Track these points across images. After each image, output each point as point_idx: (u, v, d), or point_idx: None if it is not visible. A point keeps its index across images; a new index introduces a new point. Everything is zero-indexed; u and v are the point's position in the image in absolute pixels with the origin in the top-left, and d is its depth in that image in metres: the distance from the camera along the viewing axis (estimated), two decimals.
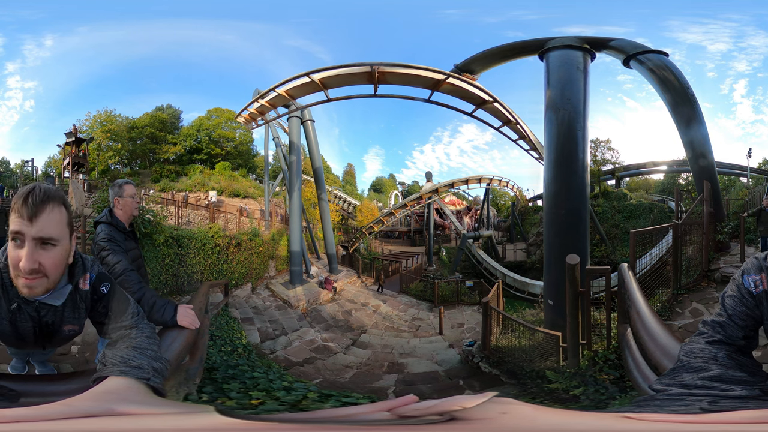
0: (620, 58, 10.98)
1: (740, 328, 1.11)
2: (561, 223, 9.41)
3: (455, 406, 0.69)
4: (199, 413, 0.80)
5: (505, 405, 0.71)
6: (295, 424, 0.72)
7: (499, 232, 29.59)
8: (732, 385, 0.93)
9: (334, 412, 0.86)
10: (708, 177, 9.05)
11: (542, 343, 6.28)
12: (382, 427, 0.68)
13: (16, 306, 1.34)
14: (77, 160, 23.00)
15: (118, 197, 2.82)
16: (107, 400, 0.96)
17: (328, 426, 0.70)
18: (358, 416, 0.74)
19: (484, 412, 0.69)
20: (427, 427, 0.66)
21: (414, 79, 11.25)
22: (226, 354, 6.24)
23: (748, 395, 0.89)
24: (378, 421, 0.70)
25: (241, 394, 2.24)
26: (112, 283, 1.55)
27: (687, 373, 1.02)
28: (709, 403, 0.84)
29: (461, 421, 0.66)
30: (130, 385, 1.10)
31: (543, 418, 0.70)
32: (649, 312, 2.11)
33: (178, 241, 10.59)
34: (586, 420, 0.71)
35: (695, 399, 0.88)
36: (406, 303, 16.88)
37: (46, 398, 1.03)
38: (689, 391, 0.93)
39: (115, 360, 1.20)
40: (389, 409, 0.71)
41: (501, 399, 0.73)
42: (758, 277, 1.13)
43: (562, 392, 3.03)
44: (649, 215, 22.34)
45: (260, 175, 30.21)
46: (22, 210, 1.18)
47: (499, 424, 0.66)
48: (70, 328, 1.50)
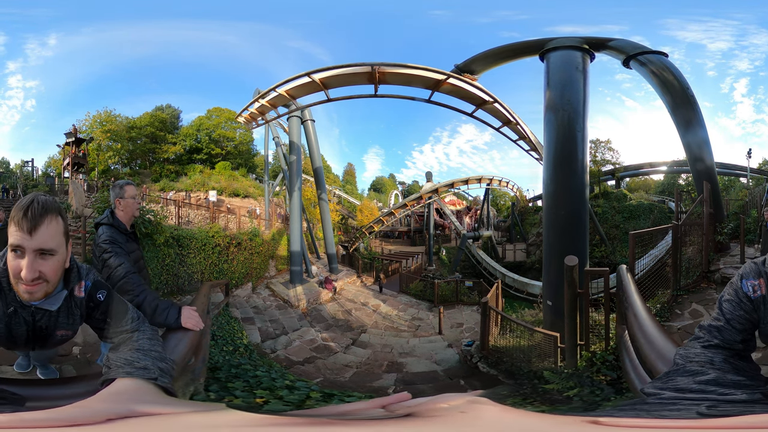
0: (620, 58, 10.98)
1: (738, 332, 1.11)
2: (560, 224, 9.43)
3: (443, 404, 0.71)
4: (214, 411, 0.81)
5: (472, 404, 0.71)
6: (302, 418, 0.74)
7: (499, 232, 29.59)
8: (731, 389, 0.92)
9: (334, 409, 0.89)
10: (708, 178, 9.06)
11: (540, 344, 6.30)
12: (369, 423, 0.70)
13: (13, 310, 1.38)
14: (77, 160, 23.02)
15: (119, 198, 2.80)
16: (122, 401, 0.97)
17: (327, 421, 0.72)
18: (356, 413, 0.76)
19: (443, 410, 0.70)
20: (380, 422, 0.68)
21: (414, 79, 11.25)
22: (228, 353, 6.26)
23: (750, 399, 0.88)
24: (372, 417, 0.72)
25: (245, 393, 2.26)
26: (109, 290, 1.58)
27: (682, 377, 1.00)
28: (708, 408, 0.83)
29: (417, 417, 0.67)
30: (140, 385, 1.12)
31: (506, 419, 0.71)
32: (646, 314, 2.13)
33: (179, 241, 10.61)
34: (547, 425, 0.71)
35: (691, 403, 0.87)
36: (406, 303, 16.89)
37: (51, 402, 1.03)
38: (684, 395, 0.92)
39: (120, 362, 1.22)
40: (383, 405, 0.73)
41: (477, 399, 0.74)
42: (757, 282, 1.12)
43: (556, 393, 3.04)
44: (649, 216, 22.34)
45: (260, 175, 30.21)
46: (22, 223, 1.23)
47: (452, 421, 0.67)
48: (63, 333, 1.53)
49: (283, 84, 11.85)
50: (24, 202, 1.25)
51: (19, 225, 1.22)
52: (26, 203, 1.24)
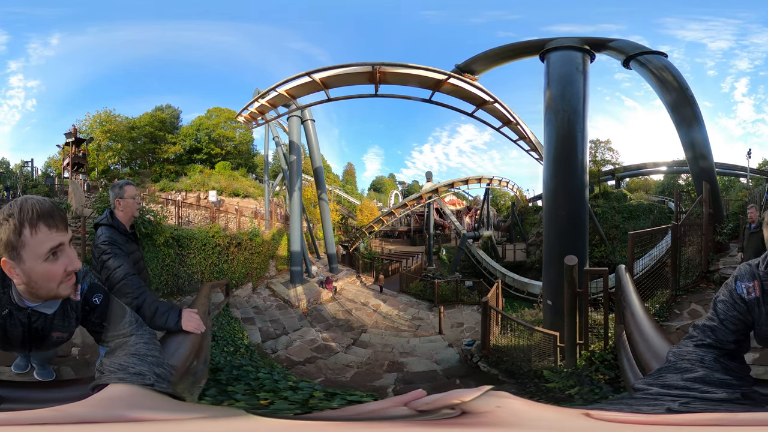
0: (620, 59, 10.99)
1: (731, 332, 1.13)
2: (560, 224, 9.44)
3: (456, 399, 0.74)
4: (223, 416, 0.81)
5: (502, 399, 0.76)
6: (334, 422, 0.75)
7: (499, 232, 29.58)
8: (715, 387, 0.94)
9: (358, 409, 0.89)
10: (707, 178, 9.07)
11: (540, 343, 6.31)
12: (401, 422, 0.72)
13: (8, 312, 1.37)
14: (77, 160, 23.02)
15: (119, 198, 2.77)
16: (108, 406, 0.96)
17: (360, 425, 0.74)
18: (381, 412, 0.77)
19: (484, 405, 0.73)
20: (440, 422, 0.70)
21: (415, 79, 11.25)
22: (229, 354, 6.27)
23: (727, 398, 0.90)
24: (401, 416, 0.73)
25: (247, 396, 2.26)
26: (105, 293, 1.56)
27: (672, 373, 1.03)
28: (680, 405, 0.85)
29: (469, 415, 0.70)
30: (135, 391, 1.11)
31: (527, 410, 0.75)
32: (643, 313, 2.14)
33: (179, 241, 10.62)
34: (550, 414, 0.75)
35: (669, 399, 0.89)
36: (406, 302, 16.90)
37: (36, 405, 1.03)
38: (668, 392, 0.94)
39: (113, 367, 1.22)
40: (405, 403, 0.75)
41: (496, 393, 0.77)
42: (751, 284, 1.15)
43: (559, 391, 3.06)
44: (649, 216, 22.34)
45: (260, 175, 30.20)
46: (58, 223, 1.23)
47: (496, 417, 0.70)
48: (58, 336, 1.52)
49: (283, 84, 11.84)
50: (46, 205, 1.22)
51: (55, 225, 1.21)
52: (49, 206, 1.23)
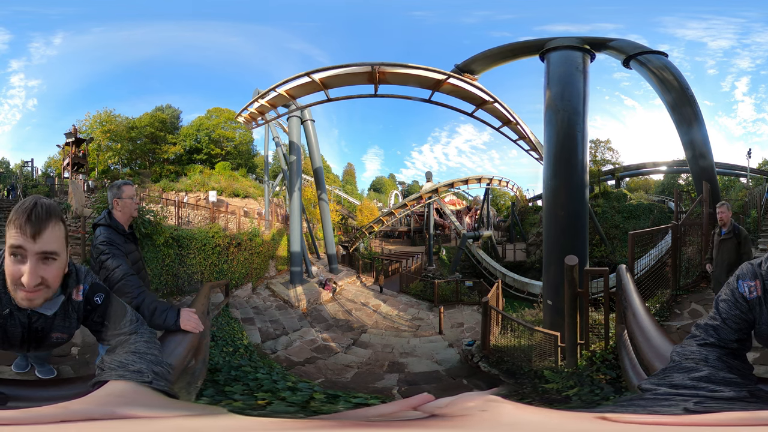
0: (620, 58, 10.97)
1: (733, 331, 1.14)
2: (560, 224, 9.43)
3: (470, 402, 0.74)
4: (214, 414, 0.81)
5: (491, 403, 0.75)
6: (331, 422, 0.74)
7: (499, 232, 29.59)
8: (721, 386, 0.94)
9: (364, 412, 0.89)
10: (707, 178, 9.05)
11: (541, 343, 6.30)
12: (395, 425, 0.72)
13: (8, 312, 1.37)
14: (77, 160, 22.98)
15: (117, 198, 2.75)
16: (108, 403, 0.96)
17: (362, 423, 0.74)
18: (390, 416, 0.76)
19: (465, 409, 0.72)
20: (409, 423, 0.70)
21: (415, 79, 11.25)
22: (228, 354, 6.25)
23: (735, 396, 0.90)
24: (403, 419, 0.74)
25: (245, 396, 2.25)
26: (107, 293, 1.56)
27: (678, 373, 1.03)
28: (695, 404, 0.85)
29: (441, 418, 0.70)
30: (133, 388, 1.11)
31: (522, 416, 0.74)
32: (644, 314, 2.13)
33: (179, 241, 10.61)
34: (561, 420, 0.74)
35: (681, 399, 0.90)
36: (406, 302, 16.89)
37: (39, 403, 1.03)
38: (677, 391, 0.94)
39: (113, 365, 1.22)
40: (413, 407, 0.75)
41: (494, 398, 0.77)
42: (753, 283, 1.15)
43: (556, 393, 3.05)
44: (649, 216, 22.34)
45: (260, 175, 30.20)
46: (25, 227, 1.19)
47: (476, 421, 0.69)
48: (59, 336, 1.52)
49: (283, 84, 11.84)
50: (26, 205, 1.21)
51: (22, 228, 1.19)
52: (29, 206, 1.21)
